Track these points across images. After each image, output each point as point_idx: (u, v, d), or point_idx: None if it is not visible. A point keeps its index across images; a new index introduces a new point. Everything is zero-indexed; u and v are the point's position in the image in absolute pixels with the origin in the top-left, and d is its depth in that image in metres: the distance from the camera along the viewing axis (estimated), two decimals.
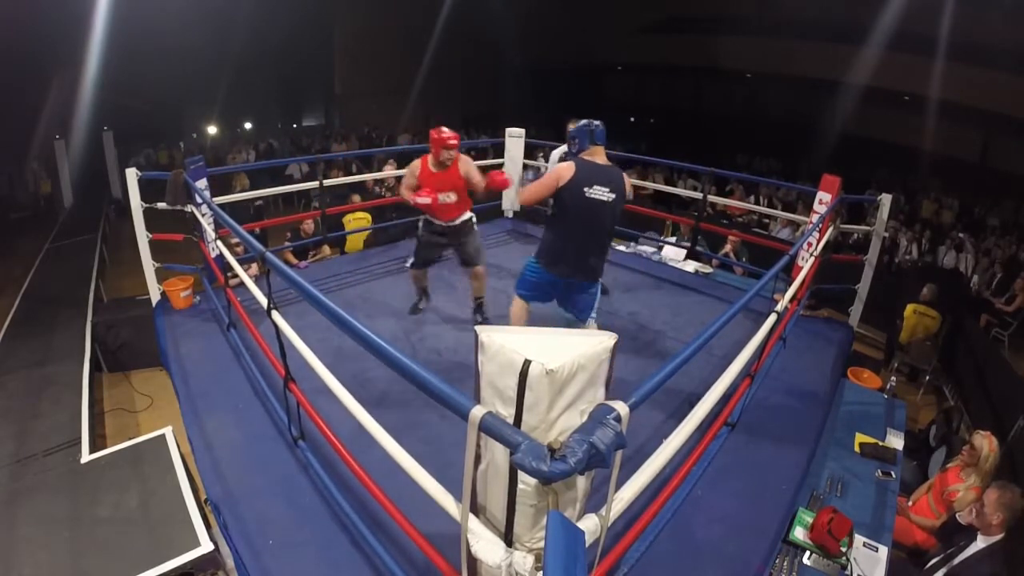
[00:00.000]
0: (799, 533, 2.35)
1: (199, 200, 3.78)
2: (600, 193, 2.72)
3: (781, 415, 3.13)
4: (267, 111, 16.71)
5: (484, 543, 1.37)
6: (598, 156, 2.80)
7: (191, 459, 2.70)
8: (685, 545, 2.26)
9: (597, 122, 2.82)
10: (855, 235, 7.82)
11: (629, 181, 2.84)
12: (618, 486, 1.49)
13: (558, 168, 2.78)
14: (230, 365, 3.38)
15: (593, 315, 3.05)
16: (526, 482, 1.30)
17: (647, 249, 5.80)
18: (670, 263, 5.39)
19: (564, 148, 4.30)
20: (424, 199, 3.48)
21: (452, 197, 3.63)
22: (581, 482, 1.37)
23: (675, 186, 9.35)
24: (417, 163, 3.74)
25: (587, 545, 1.26)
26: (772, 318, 2.67)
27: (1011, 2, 9.90)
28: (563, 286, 2.99)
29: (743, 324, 3.84)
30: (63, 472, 2.78)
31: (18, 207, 11.10)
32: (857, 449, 2.95)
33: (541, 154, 12.17)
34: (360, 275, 4.80)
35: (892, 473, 2.81)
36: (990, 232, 10.00)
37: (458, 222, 3.78)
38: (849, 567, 2.24)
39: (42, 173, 11.28)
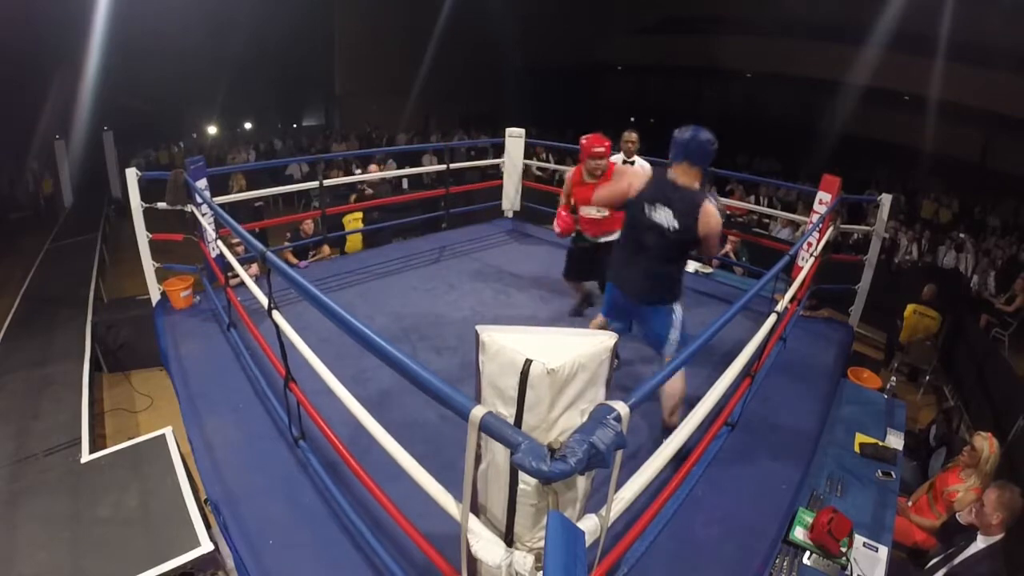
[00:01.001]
0: (799, 533, 2.35)
1: (199, 200, 3.78)
2: (661, 217, 2.39)
3: (781, 415, 3.13)
4: (267, 111, 16.73)
5: (484, 543, 1.37)
6: (684, 176, 2.40)
7: (191, 459, 2.70)
8: (685, 545, 2.26)
9: (707, 136, 2.36)
10: (855, 235, 7.83)
11: (712, 214, 2.34)
12: (618, 486, 1.49)
13: (634, 175, 2.55)
14: (230, 365, 3.37)
15: (670, 347, 2.63)
16: (526, 482, 1.30)
17: None
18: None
19: (616, 158, 4.16)
20: (557, 228, 3.39)
21: (600, 212, 3.41)
22: (581, 482, 1.37)
23: None
24: (572, 171, 3.52)
25: (587, 545, 1.26)
26: (772, 318, 2.67)
27: (1011, 2, 9.90)
28: (626, 305, 2.67)
29: (743, 324, 3.83)
30: (63, 472, 2.78)
31: (18, 207, 11.11)
32: (857, 449, 2.95)
33: (546, 153, 12.15)
34: (360, 275, 4.80)
35: (892, 473, 2.81)
36: (990, 232, 10.01)
37: (603, 240, 3.53)
38: (849, 567, 2.24)
39: (44, 172, 11.28)
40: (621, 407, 1.26)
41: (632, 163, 4.16)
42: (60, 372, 4.01)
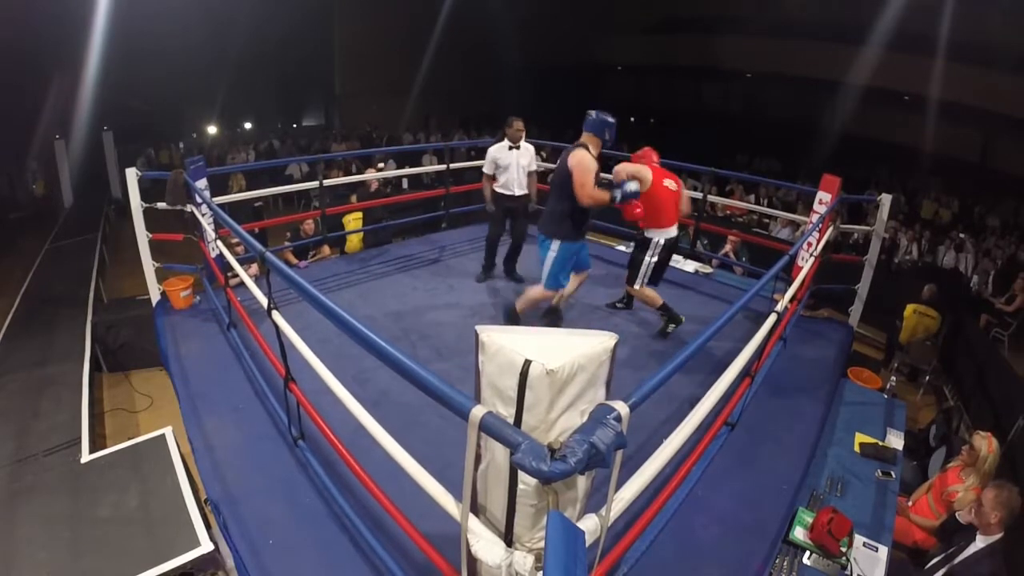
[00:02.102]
0: (799, 533, 2.35)
1: (199, 200, 3.78)
2: (557, 164, 3.38)
3: (781, 415, 3.13)
4: (267, 111, 16.68)
5: (484, 543, 1.37)
6: (584, 138, 3.35)
7: (191, 459, 2.70)
8: (685, 545, 2.26)
9: (599, 113, 3.33)
10: (855, 235, 7.83)
11: (578, 154, 3.24)
12: (618, 486, 1.49)
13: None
14: (230, 365, 3.38)
15: (543, 275, 3.46)
16: (526, 482, 1.30)
17: None
18: (670, 263, 5.39)
19: (500, 143, 4.43)
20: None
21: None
22: (581, 482, 1.37)
23: None
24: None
25: (587, 545, 1.26)
26: (772, 318, 2.67)
27: (1011, 2, 9.90)
28: None
29: (743, 324, 3.84)
30: (63, 472, 2.77)
31: (18, 207, 11.10)
32: (857, 449, 2.95)
33: (543, 153, 12.12)
34: (360, 275, 4.80)
35: (892, 473, 2.81)
36: (990, 232, 10.01)
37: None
38: (849, 567, 2.24)
39: (37, 174, 11.27)
40: (621, 407, 1.26)
41: (519, 148, 4.43)
42: (60, 372, 4.00)
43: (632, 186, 3.23)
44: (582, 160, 3.21)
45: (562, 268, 3.42)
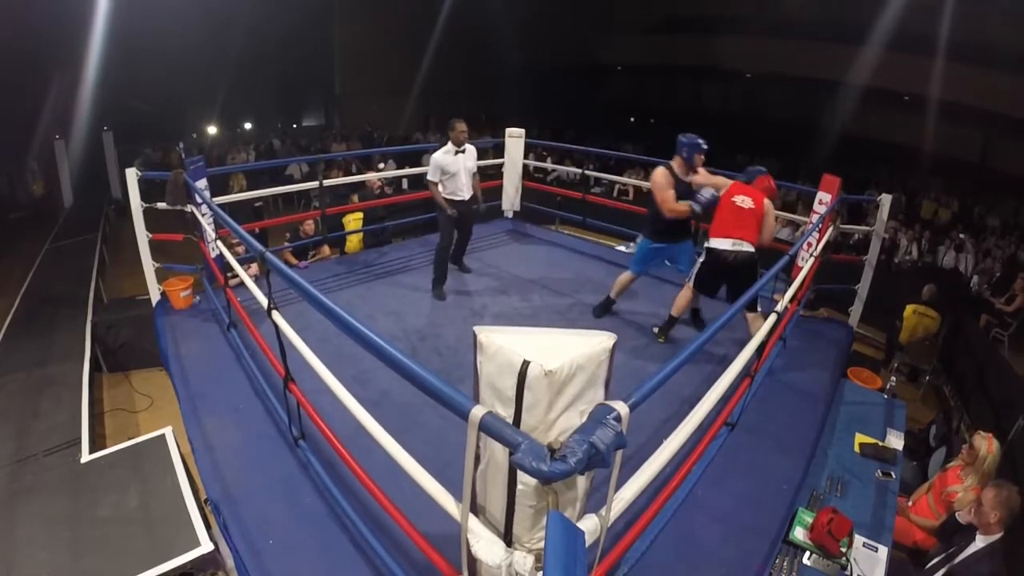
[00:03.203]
0: (799, 533, 2.35)
1: (199, 200, 3.78)
2: None
3: (781, 415, 3.13)
4: (267, 111, 16.69)
5: (484, 543, 1.37)
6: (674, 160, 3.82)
7: (191, 459, 2.70)
8: (685, 545, 2.26)
9: (682, 137, 3.81)
10: (855, 235, 7.83)
11: (653, 173, 3.81)
12: (618, 486, 1.49)
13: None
14: (230, 365, 3.38)
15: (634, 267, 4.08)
16: (526, 482, 1.30)
17: None
18: (670, 263, 5.38)
19: (444, 148, 4.24)
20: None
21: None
22: (581, 482, 1.37)
23: None
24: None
25: (587, 545, 1.26)
26: (772, 318, 2.67)
27: (1011, 2, 9.90)
28: None
29: (743, 324, 3.83)
30: (63, 472, 2.77)
31: (18, 207, 11.09)
32: (857, 449, 2.95)
33: (547, 154, 12.13)
34: (360, 275, 4.80)
35: (892, 473, 2.80)
36: (990, 232, 10.01)
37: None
38: (849, 567, 2.24)
39: (36, 174, 11.26)
40: (621, 407, 1.26)
41: (463, 151, 4.27)
42: (60, 372, 4.00)
43: (707, 193, 3.57)
44: (655, 180, 3.75)
45: (642, 259, 4.06)
